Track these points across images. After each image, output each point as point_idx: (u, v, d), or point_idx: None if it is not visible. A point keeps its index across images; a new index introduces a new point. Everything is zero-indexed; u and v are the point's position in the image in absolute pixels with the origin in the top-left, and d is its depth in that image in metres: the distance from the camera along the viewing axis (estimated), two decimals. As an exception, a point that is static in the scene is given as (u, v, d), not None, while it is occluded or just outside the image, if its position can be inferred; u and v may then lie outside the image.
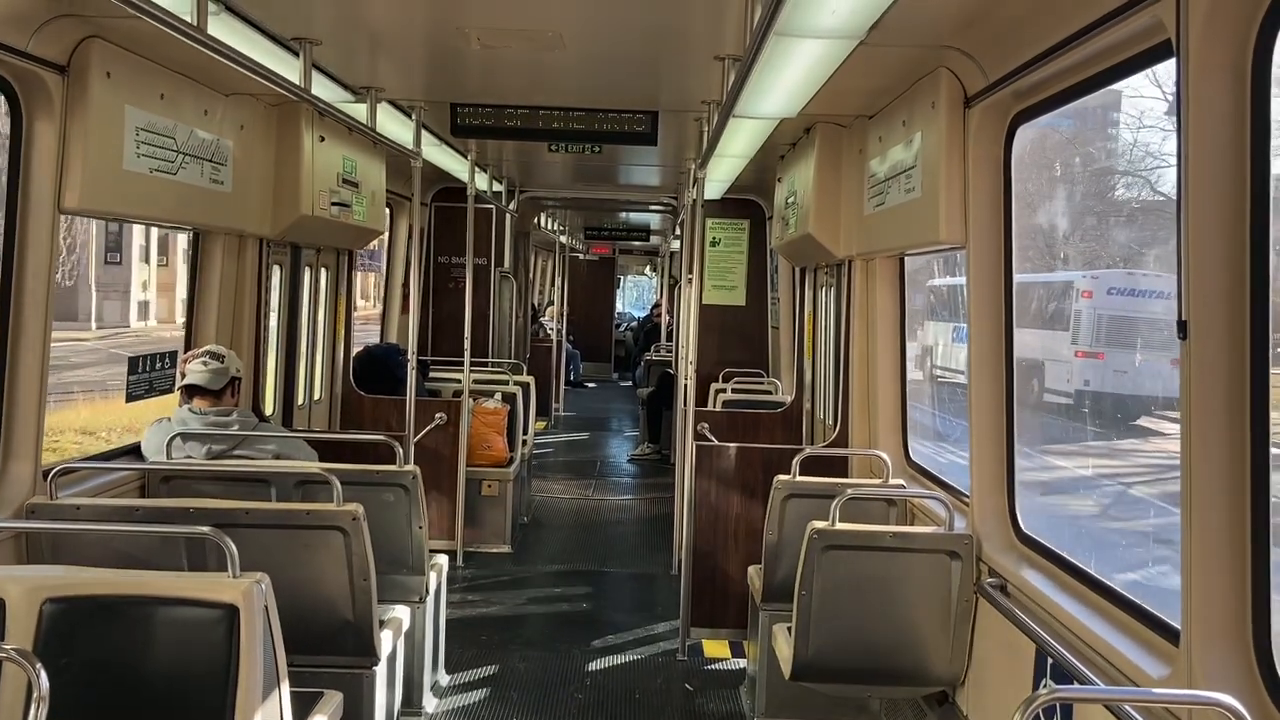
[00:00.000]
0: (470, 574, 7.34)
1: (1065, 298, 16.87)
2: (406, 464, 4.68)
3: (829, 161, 5.68)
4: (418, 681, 4.88)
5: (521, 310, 12.80)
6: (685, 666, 5.79)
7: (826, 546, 3.99)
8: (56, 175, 3.77)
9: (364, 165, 6.33)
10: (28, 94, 3.73)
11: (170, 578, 2.92)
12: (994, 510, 4.03)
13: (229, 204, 5.08)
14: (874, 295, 5.57)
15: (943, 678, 4.10)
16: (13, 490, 3.79)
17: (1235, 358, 2.44)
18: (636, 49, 4.54)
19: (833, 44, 3.42)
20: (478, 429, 7.92)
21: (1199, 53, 2.43)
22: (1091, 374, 15.50)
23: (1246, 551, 2.45)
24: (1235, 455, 2.44)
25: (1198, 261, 2.45)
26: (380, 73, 5.06)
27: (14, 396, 3.79)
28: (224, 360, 4.75)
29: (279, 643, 2.88)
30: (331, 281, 7.18)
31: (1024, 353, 16.17)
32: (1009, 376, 4.06)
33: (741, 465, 5.98)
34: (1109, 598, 3.19)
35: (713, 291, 9.92)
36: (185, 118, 4.55)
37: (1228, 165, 2.43)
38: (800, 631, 4.05)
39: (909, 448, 5.51)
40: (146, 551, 3.65)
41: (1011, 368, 4.07)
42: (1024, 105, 3.81)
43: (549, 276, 22.11)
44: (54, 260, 3.83)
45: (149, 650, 2.73)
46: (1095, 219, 19.31)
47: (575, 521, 9.30)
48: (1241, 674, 2.46)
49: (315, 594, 3.84)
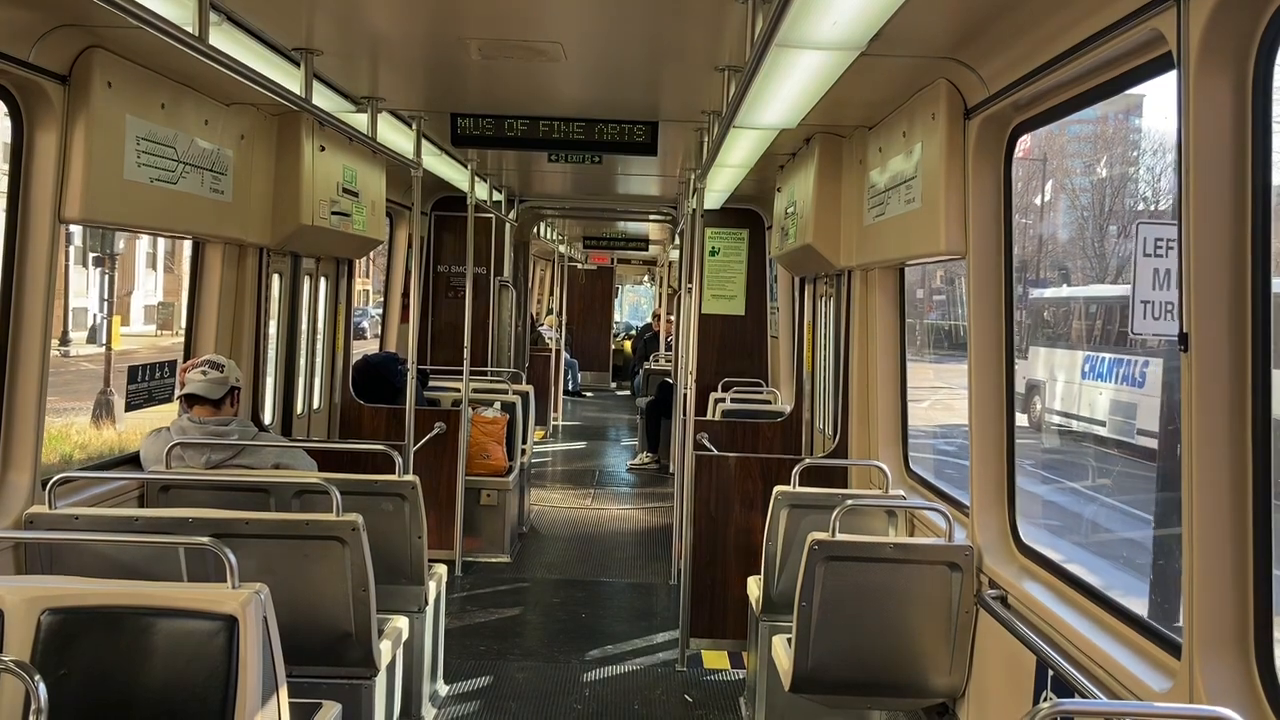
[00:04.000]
0: (469, 584, 7.33)
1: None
2: (406, 473, 4.68)
3: (829, 172, 5.68)
4: (416, 691, 4.87)
5: (521, 319, 12.80)
6: (684, 677, 5.78)
7: (826, 557, 3.98)
8: (57, 185, 3.77)
9: (364, 175, 6.33)
10: (29, 104, 3.73)
11: (169, 588, 2.91)
12: (994, 521, 4.03)
13: (229, 213, 5.08)
14: (873, 306, 5.57)
15: (943, 690, 4.09)
16: (11, 500, 3.78)
17: (1237, 370, 2.44)
18: (637, 60, 4.55)
19: (833, 55, 3.43)
20: (477, 438, 7.91)
21: (1200, 65, 2.44)
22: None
23: (1249, 564, 2.45)
24: (1237, 467, 2.44)
25: (1199, 274, 2.45)
26: (381, 83, 5.07)
27: (13, 406, 3.79)
28: (223, 370, 4.74)
29: (278, 653, 2.87)
30: (331, 291, 7.18)
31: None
32: (1009, 387, 4.05)
33: (741, 475, 5.97)
34: (1110, 610, 3.18)
35: (712, 301, 9.93)
36: (186, 127, 4.55)
37: (1229, 177, 2.43)
38: (800, 642, 4.03)
39: (909, 458, 5.51)
40: (145, 561, 3.64)
41: (1012, 379, 4.07)
42: (1024, 116, 3.82)
43: (547, 286, 22.11)
44: (54, 270, 3.83)
45: (148, 661, 2.72)
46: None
47: (574, 531, 9.29)
48: (1243, 687, 2.45)
49: (314, 604, 3.83)
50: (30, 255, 3.76)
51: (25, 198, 3.76)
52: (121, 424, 16.10)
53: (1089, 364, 16.70)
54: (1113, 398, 15.77)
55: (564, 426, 16.01)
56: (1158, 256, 6.12)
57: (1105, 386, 15.99)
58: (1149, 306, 6.12)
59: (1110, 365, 15.93)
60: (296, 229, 5.51)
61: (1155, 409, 13.96)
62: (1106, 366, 15.98)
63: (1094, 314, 17.96)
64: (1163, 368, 12.00)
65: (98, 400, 16.91)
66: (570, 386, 19.23)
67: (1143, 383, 15.12)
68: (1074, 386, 17.10)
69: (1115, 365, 15.84)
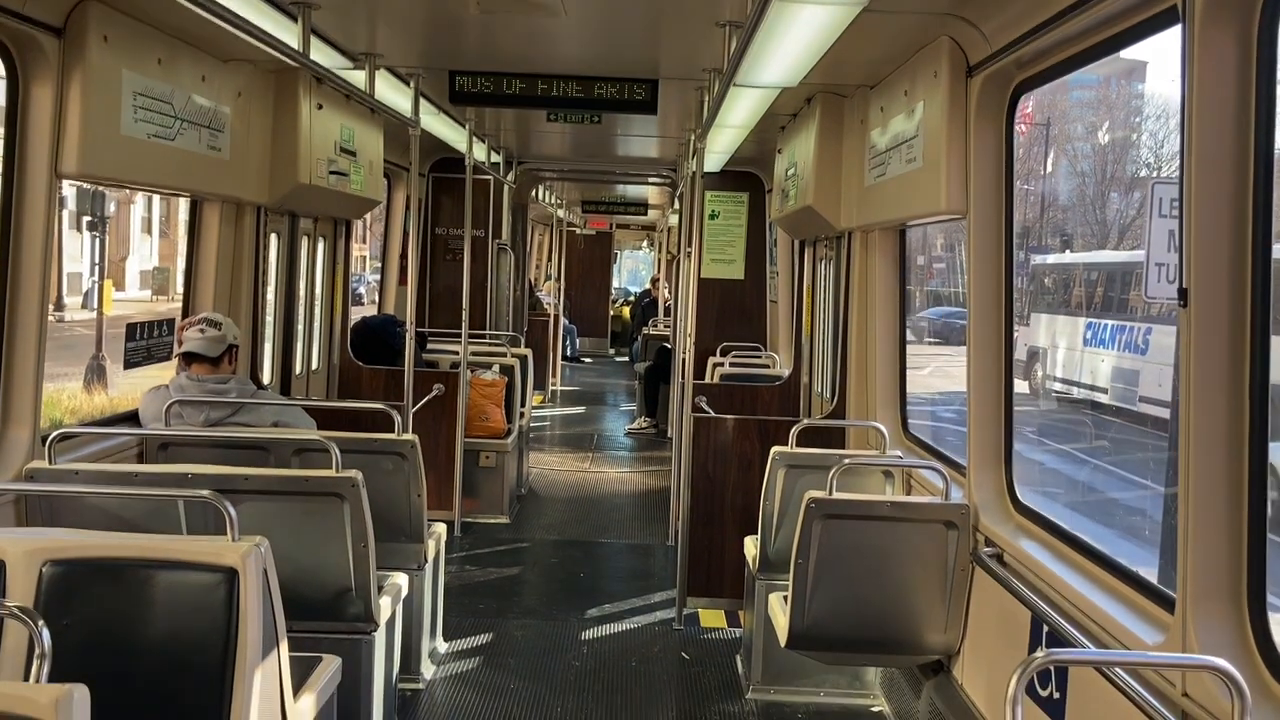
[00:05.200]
0: (468, 544, 7.37)
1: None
2: (405, 433, 4.69)
3: (830, 132, 5.65)
4: (416, 648, 4.90)
5: (519, 283, 12.78)
6: (681, 635, 5.83)
7: (824, 515, 4.00)
8: (53, 140, 3.75)
9: (362, 134, 6.29)
10: (24, 57, 3.70)
11: (170, 540, 2.92)
12: (991, 480, 4.05)
13: (226, 171, 5.05)
14: (873, 268, 5.56)
15: (938, 646, 4.13)
16: (12, 454, 3.79)
17: (1236, 326, 2.44)
18: (637, 14, 4.51)
19: (836, 10, 3.40)
20: (475, 401, 7.93)
21: (1205, 19, 2.42)
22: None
23: (1244, 519, 2.46)
24: (1234, 422, 2.45)
25: (1200, 229, 2.44)
26: (379, 39, 5.02)
27: (12, 362, 3.79)
28: (221, 328, 4.73)
29: (278, 607, 2.89)
30: (329, 252, 7.16)
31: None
32: (1008, 348, 4.06)
33: (738, 437, 5.99)
34: (1105, 566, 3.21)
35: (711, 265, 9.90)
36: (183, 83, 4.52)
37: (1231, 132, 2.43)
38: (796, 600, 4.07)
39: (906, 419, 5.52)
40: (145, 517, 3.66)
41: (1011, 339, 4.08)
42: (1026, 74, 3.79)
43: (545, 251, 22.05)
44: (51, 225, 3.82)
45: (149, 612, 2.73)
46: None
47: (572, 494, 9.33)
48: (1236, 640, 2.48)
49: (314, 560, 3.85)
50: (27, 210, 3.75)
51: (21, 152, 3.74)
52: (114, 389, 16.08)
53: (1090, 331, 16.60)
54: (1115, 365, 15.79)
55: (562, 392, 16.03)
56: (1173, 218, 6.04)
57: (1107, 354, 16.01)
58: (1163, 269, 5.95)
59: (1113, 332, 15.91)
60: (294, 187, 5.49)
61: (1156, 376, 13.99)
62: (1109, 333, 15.96)
63: (1094, 280, 17.93)
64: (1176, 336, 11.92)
65: (89, 365, 16.85)
66: (568, 352, 19.23)
67: (1145, 350, 15.13)
68: (1075, 353, 17.03)
69: (1118, 332, 15.84)
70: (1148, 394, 14.66)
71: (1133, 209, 32.22)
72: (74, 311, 28.49)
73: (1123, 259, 18.00)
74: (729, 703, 4.98)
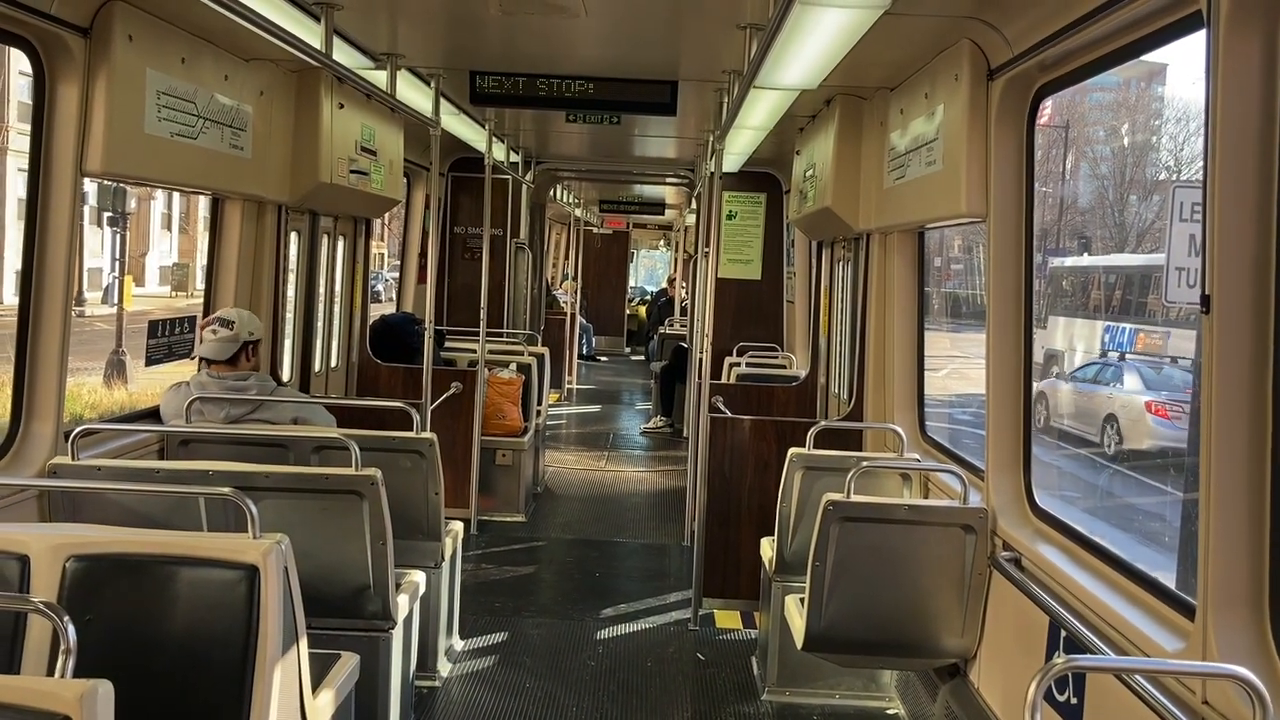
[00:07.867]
0: (484, 542, 7.39)
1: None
2: (423, 431, 4.71)
3: (849, 134, 5.64)
4: (432, 645, 4.93)
5: (536, 282, 12.80)
6: (697, 636, 5.83)
7: (841, 518, 4.00)
8: (79, 138, 3.79)
9: (382, 134, 6.32)
10: (50, 56, 3.74)
11: (192, 537, 2.94)
12: (1009, 484, 4.03)
13: (248, 170, 5.08)
14: (891, 270, 5.55)
15: (954, 650, 4.12)
16: (35, 450, 3.83)
17: (1259, 333, 2.43)
18: (658, 16, 4.51)
19: (857, 13, 3.39)
20: (493, 399, 7.95)
21: (1230, 24, 2.41)
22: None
23: (1266, 526, 2.45)
24: (1256, 428, 2.43)
25: (1224, 235, 2.43)
26: (400, 39, 5.05)
27: (36, 359, 3.82)
28: (233, 326, 4.71)
29: (298, 603, 2.90)
30: (349, 250, 7.20)
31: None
32: (1027, 352, 4.05)
33: (755, 438, 5.99)
34: (1124, 572, 3.19)
35: (728, 265, 9.89)
36: (206, 82, 4.55)
37: (1256, 138, 2.41)
38: (813, 602, 4.06)
39: (924, 422, 5.51)
40: (166, 513, 3.69)
41: (1030, 343, 4.06)
42: (1048, 78, 3.78)
43: (563, 250, 22.07)
44: (76, 222, 3.85)
45: (171, 608, 2.76)
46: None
47: (588, 492, 9.34)
48: (1256, 648, 2.46)
49: (333, 557, 3.87)
50: (53, 207, 3.78)
51: (47, 150, 3.77)
52: (134, 384, 16.18)
53: (1109, 334, 16.52)
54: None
55: (578, 390, 16.05)
56: (1194, 222, 5.97)
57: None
58: (1183, 274, 5.92)
59: (1131, 335, 15.84)
60: (315, 186, 5.52)
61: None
62: (1127, 337, 15.89)
63: (1113, 284, 17.83)
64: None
65: (109, 360, 16.96)
66: (585, 351, 19.25)
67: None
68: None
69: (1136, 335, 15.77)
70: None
71: (1151, 212, 32.04)
72: (94, 306, 28.69)
73: (1140, 262, 17.90)
74: (744, 704, 4.99)
